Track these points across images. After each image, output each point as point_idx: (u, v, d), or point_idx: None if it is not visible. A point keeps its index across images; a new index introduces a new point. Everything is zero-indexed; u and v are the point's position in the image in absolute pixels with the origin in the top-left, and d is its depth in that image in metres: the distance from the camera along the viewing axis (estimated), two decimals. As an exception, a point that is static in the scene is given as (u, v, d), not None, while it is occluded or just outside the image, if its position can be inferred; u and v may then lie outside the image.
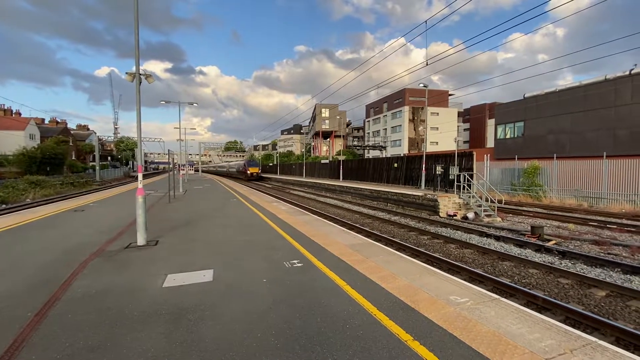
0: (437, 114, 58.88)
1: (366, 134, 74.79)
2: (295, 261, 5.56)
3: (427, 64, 15.22)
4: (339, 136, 75.65)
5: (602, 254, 8.24)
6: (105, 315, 3.58)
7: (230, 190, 21.55)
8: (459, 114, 64.75)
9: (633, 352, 3.47)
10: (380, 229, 11.99)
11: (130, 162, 76.64)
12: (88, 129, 73.43)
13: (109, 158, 70.81)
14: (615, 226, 11.76)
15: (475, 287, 4.54)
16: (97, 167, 42.07)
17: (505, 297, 4.37)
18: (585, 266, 7.30)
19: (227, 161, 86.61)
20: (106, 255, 5.89)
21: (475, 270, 6.81)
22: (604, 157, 17.45)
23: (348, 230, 8.72)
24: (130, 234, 7.39)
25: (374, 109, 70.73)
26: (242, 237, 7.49)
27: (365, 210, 16.46)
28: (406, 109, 59.29)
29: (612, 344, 3.42)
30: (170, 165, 18.94)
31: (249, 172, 47.12)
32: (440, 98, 53.85)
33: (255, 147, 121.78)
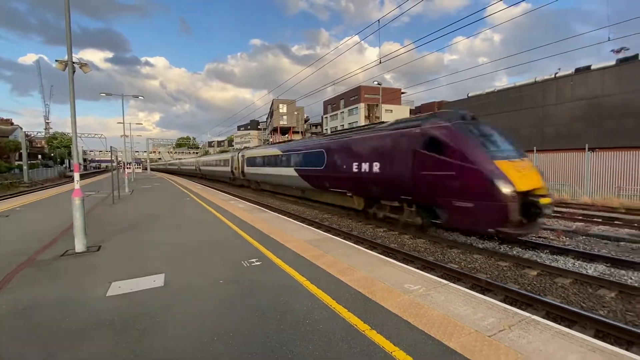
0: (391, 111, 61.29)
1: (324, 130, 75.46)
2: (253, 260, 5.44)
3: (380, 62, 15.70)
4: (297, 132, 75.41)
5: (534, 238, 9.21)
6: (37, 332, 3.19)
7: (182, 189, 20.44)
8: (411, 112, 68.04)
9: (559, 324, 3.92)
10: (339, 223, 12.19)
11: (67, 161, 69.16)
12: (12, 124, 64.87)
13: (40, 156, 63.27)
14: (544, 213, 13.23)
15: (427, 274, 4.82)
16: (25, 167, 37.32)
17: (453, 282, 4.69)
18: (520, 249, 8.11)
19: (237, 148, 38.94)
20: (37, 265, 5.25)
21: (427, 259, 7.23)
22: (534, 151, 19.55)
23: (307, 226, 8.74)
24: (67, 241, 6.67)
25: (331, 105, 71.57)
26: (197, 238, 7.14)
27: (324, 206, 16.61)
28: (362, 106, 60.90)
29: (543, 317, 3.83)
30: (114, 164, 17.41)
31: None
32: (393, 96, 56.13)
33: (210, 144, 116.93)
